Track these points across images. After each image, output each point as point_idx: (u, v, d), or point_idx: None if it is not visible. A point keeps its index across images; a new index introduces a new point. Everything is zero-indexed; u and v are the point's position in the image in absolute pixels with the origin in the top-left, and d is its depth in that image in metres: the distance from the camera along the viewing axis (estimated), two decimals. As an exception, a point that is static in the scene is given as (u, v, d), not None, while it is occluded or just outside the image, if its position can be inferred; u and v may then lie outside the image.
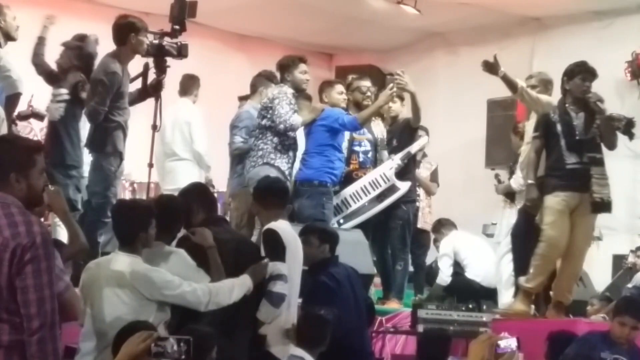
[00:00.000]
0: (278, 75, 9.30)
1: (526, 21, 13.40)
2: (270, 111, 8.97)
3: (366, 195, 9.45)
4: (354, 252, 8.67)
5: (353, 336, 6.88)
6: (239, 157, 9.72)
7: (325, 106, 9.36)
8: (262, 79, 10.07)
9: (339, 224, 9.28)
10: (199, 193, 6.74)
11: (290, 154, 9.06)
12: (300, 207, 8.97)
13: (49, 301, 3.93)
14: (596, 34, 12.70)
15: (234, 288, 5.80)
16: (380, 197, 9.44)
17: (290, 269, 6.49)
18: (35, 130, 10.38)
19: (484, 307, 9.23)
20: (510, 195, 10.00)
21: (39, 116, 9.19)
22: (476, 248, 10.28)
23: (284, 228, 6.67)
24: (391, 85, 9.27)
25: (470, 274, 9.95)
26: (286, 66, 9.14)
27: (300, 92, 9.20)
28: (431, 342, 7.15)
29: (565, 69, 8.74)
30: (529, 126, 8.86)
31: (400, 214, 9.56)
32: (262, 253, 6.54)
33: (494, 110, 12.46)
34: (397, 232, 9.55)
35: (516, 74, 13.05)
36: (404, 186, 9.54)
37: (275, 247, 6.49)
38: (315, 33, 14.03)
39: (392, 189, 9.49)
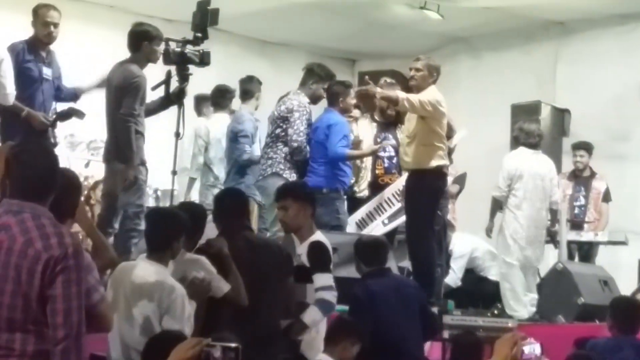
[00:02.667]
0: (302, 76, 9.27)
1: (550, 25, 13.33)
2: (287, 123, 8.97)
3: None
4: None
5: (397, 345, 6.82)
6: (240, 165, 9.67)
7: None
8: (256, 84, 10.05)
9: (384, 224, 9.26)
10: (215, 203, 6.73)
11: (300, 164, 9.08)
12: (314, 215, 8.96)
13: (76, 312, 3.91)
14: (620, 37, 12.64)
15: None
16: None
17: None
18: (58, 137, 10.40)
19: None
20: None
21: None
22: (487, 248, 10.21)
23: (326, 240, 6.73)
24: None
25: (494, 275, 9.88)
26: (317, 75, 9.17)
27: (313, 104, 9.25)
28: (463, 349, 7.01)
29: None
30: (409, 123, 8.78)
31: (437, 219, 9.50)
32: (300, 262, 6.58)
33: (518, 115, 12.38)
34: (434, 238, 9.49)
35: (540, 78, 13.13)
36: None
37: (325, 259, 6.59)
38: (337, 39, 14.02)
39: None
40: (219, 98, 10.62)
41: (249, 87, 10.03)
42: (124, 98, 7.83)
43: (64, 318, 3.87)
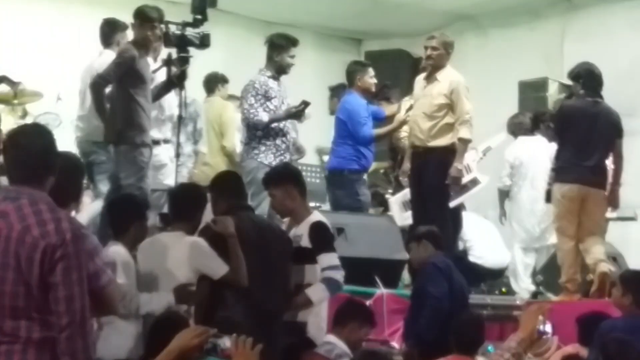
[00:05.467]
0: (266, 52, 9.03)
1: (556, 2, 13.27)
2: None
3: None
4: (385, 237, 8.66)
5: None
6: None
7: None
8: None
9: None
10: (220, 182, 6.74)
11: (278, 141, 8.72)
12: (335, 197, 9.05)
13: (78, 299, 3.89)
14: (628, 13, 12.57)
15: (152, 299, 5.83)
16: (464, 188, 9.40)
17: None
18: (64, 122, 10.41)
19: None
20: None
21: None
22: (481, 229, 10.27)
23: (325, 219, 6.73)
24: (410, 105, 9.35)
25: (473, 256, 9.89)
26: (278, 46, 8.91)
27: (282, 75, 8.97)
28: (466, 327, 6.96)
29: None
30: (426, 99, 8.99)
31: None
32: (300, 244, 6.56)
33: (526, 91, 12.35)
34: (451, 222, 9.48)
35: (547, 55, 13.06)
36: (484, 180, 9.59)
37: (328, 238, 6.61)
38: (343, 18, 13.98)
39: (474, 181, 9.54)
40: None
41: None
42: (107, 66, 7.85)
43: (66, 305, 3.85)
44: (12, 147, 4.03)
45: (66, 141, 9.76)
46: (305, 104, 8.72)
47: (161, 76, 8.40)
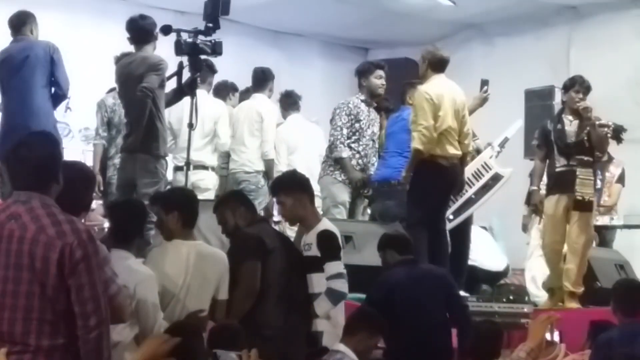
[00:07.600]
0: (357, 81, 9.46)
1: (562, 10, 13.30)
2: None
3: (471, 187, 9.32)
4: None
5: (420, 336, 6.81)
6: None
7: None
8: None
9: (449, 220, 9.13)
10: (241, 196, 6.86)
11: (354, 162, 9.20)
12: (384, 208, 9.08)
13: (102, 297, 3.96)
14: (634, 21, 12.60)
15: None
16: (486, 187, 9.41)
17: None
18: (73, 131, 10.47)
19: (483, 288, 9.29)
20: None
21: None
22: (477, 235, 10.23)
23: (333, 227, 6.72)
24: (485, 88, 9.44)
25: (469, 259, 9.89)
26: (364, 70, 9.36)
27: (376, 97, 9.37)
28: (485, 337, 6.85)
29: (564, 82, 9.19)
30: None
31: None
32: (309, 253, 6.59)
33: (532, 100, 12.35)
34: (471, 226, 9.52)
35: (553, 63, 13.10)
36: (506, 173, 9.53)
37: (335, 247, 6.59)
38: (350, 27, 14.03)
39: (495, 177, 9.48)
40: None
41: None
42: (147, 77, 7.76)
43: (94, 305, 3.90)
44: (18, 157, 4.09)
45: (76, 151, 9.91)
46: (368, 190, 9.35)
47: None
